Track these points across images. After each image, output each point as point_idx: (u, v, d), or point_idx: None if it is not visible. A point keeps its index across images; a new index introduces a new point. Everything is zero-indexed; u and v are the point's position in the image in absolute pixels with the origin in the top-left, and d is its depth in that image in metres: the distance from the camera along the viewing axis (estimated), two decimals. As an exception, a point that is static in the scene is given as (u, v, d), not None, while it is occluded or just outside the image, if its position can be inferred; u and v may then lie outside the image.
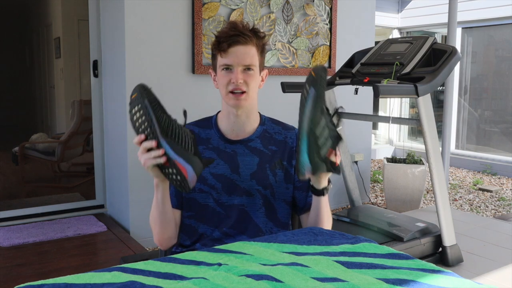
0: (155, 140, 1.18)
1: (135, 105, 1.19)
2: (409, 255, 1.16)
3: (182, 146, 1.20)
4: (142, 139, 1.20)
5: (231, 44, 1.37)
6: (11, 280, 2.53)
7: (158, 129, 1.18)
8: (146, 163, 1.21)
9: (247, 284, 0.99)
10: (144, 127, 1.19)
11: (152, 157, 1.19)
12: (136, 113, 1.19)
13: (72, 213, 3.64)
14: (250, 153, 1.46)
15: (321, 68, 1.23)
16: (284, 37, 3.82)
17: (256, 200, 1.43)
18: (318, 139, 1.21)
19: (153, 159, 1.19)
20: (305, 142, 1.20)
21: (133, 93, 1.20)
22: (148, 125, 1.18)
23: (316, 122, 1.20)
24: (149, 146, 1.19)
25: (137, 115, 1.19)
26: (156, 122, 1.18)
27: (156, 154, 1.19)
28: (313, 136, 1.20)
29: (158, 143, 1.19)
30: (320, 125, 1.20)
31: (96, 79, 3.66)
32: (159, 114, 1.19)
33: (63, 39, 6.13)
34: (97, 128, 3.72)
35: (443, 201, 2.82)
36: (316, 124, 1.20)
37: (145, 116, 1.18)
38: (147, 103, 1.18)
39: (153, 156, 1.19)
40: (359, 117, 3.38)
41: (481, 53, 6.34)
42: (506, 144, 5.99)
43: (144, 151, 1.20)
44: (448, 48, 2.70)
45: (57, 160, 4.70)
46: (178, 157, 1.19)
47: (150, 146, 1.19)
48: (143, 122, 1.18)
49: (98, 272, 1.04)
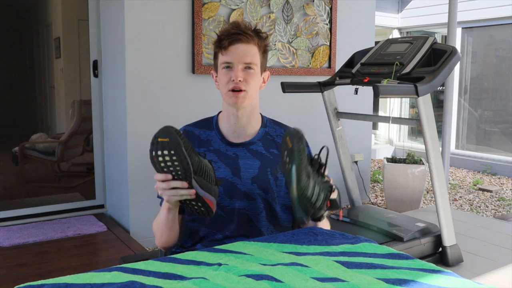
0: (187, 182, 1.19)
1: (166, 149, 1.16)
2: (409, 255, 1.16)
3: (208, 181, 1.24)
4: (169, 178, 1.19)
5: (232, 42, 1.37)
6: (11, 280, 2.53)
7: (192, 172, 1.19)
8: (171, 199, 1.23)
9: (247, 284, 0.99)
10: (175, 170, 1.18)
11: (179, 194, 1.20)
12: (165, 156, 1.17)
13: (72, 213, 3.64)
14: (252, 156, 1.45)
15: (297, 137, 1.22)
16: (284, 37, 3.82)
17: (257, 204, 1.42)
18: (311, 198, 1.23)
19: (179, 196, 1.21)
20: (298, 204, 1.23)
21: (161, 135, 1.17)
22: (183, 171, 1.18)
23: (305, 187, 1.21)
24: (178, 186, 1.19)
25: (167, 158, 1.17)
26: (192, 166, 1.19)
27: (185, 193, 1.20)
28: (305, 198, 1.22)
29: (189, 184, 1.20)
30: (310, 187, 1.22)
31: (96, 79, 3.66)
32: (193, 158, 1.20)
33: (63, 39, 6.13)
34: (97, 128, 3.72)
35: (443, 201, 2.82)
36: (306, 189, 1.22)
37: (179, 162, 1.17)
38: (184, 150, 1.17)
39: (181, 194, 1.20)
40: (359, 117, 3.38)
41: (481, 53, 6.33)
42: (506, 144, 5.99)
43: (170, 188, 1.20)
44: (448, 48, 2.69)
45: (57, 160, 4.70)
46: (206, 192, 1.23)
47: (180, 186, 1.19)
48: (175, 166, 1.18)
49: (98, 272, 1.04)
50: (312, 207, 1.24)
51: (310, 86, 3.18)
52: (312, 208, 1.24)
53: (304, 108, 3.98)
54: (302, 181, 1.20)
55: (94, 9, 3.61)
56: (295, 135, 1.22)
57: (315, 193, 1.23)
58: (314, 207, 1.24)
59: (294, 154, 1.19)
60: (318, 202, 1.24)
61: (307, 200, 1.22)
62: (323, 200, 1.25)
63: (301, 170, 1.19)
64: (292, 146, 1.20)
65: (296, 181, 1.19)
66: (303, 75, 3.92)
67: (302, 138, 1.22)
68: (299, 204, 1.22)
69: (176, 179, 1.19)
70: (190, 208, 1.25)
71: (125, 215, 3.39)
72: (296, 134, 1.22)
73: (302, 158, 1.20)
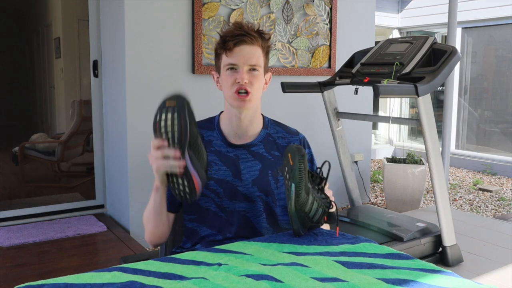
0: (180, 151, 1.17)
1: (170, 112, 1.16)
2: (409, 255, 1.16)
3: (199, 162, 1.22)
4: (165, 145, 1.18)
5: (237, 44, 1.36)
6: (11, 280, 2.53)
7: (187, 142, 1.18)
8: (160, 168, 1.20)
9: (247, 284, 0.99)
10: (172, 135, 1.17)
11: (169, 166, 1.18)
12: (168, 120, 1.16)
13: (72, 213, 3.64)
14: (253, 158, 1.44)
15: (298, 156, 1.22)
16: (284, 37, 3.82)
17: (257, 206, 1.42)
18: (308, 213, 1.26)
19: (168, 168, 1.19)
20: (296, 218, 1.25)
21: (169, 99, 1.17)
22: (179, 135, 1.17)
23: (303, 203, 1.24)
24: (171, 154, 1.17)
25: (169, 122, 1.16)
26: (189, 136, 1.18)
27: (175, 164, 1.17)
28: (303, 212, 1.25)
29: (182, 154, 1.18)
30: (308, 203, 1.25)
31: (96, 79, 3.66)
32: (193, 128, 1.19)
33: (63, 39, 6.13)
34: (97, 128, 3.72)
35: (443, 201, 2.82)
36: (304, 205, 1.24)
37: (178, 126, 1.16)
38: (187, 116, 1.17)
39: (171, 165, 1.18)
40: (359, 117, 3.38)
41: (481, 53, 6.33)
42: (506, 144, 5.99)
43: (162, 157, 1.18)
44: (448, 48, 2.69)
45: (57, 160, 4.70)
46: (195, 170, 1.19)
47: (172, 155, 1.17)
48: (174, 131, 1.16)
49: (98, 272, 1.04)
50: (309, 220, 1.27)
51: (310, 86, 3.18)
52: (310, 222, 1.28)
53: (304, 108, 3.98)
54: (301, 198, 1.22)
55: (94, 9, 3.61)
56: (296, 153, 1.22)
57: (313, 209, 1.26)
58: (311, 221, 1.27)
59: (294, 172, 1.21)
60: (315, 217, 1.27)
61: (305, 214, 1.25)
62: (321, 215, 1.28)
63: (300, 188, 1.22)
64: (293, 164, 1.21)
65: (295, 198, 1.22)
66: (303, 75, 3.92)
67: (304, 157, 1.23)
68: (297, 218, 1.25)
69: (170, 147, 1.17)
70: (175, 186, 1.21)
71: (125, 215, 3.39)
72: (297, 152, 1.22)
73: (302, 176, 1.22)
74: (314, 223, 1.28)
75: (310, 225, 1.28)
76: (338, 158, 3.39)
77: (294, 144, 1.30)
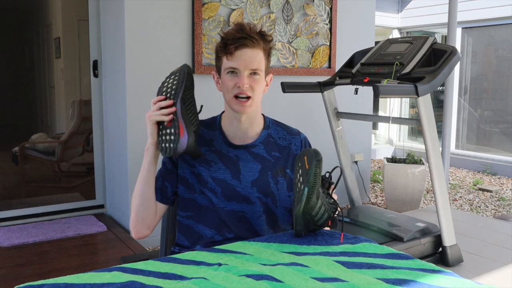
0: (172, 100, 1.31)
1: (174, 74, 1.36)
2: (409, 255, 1.16)
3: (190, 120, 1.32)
4: (161, 99, 1.32)
5: (239, 47, 1.34)
6: (11, 280, 2.53)
7: (180, 94, 1.32)
8: (152, 116, 1.32)
9: (247, 284, 0.99)
10: (169, 90, 1.33)
11: (160, 113, 1.31)
12: (169, 79, 1.35)
13: (72, 213, 3.64)
14: (253, 159, 1.44)
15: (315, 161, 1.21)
16: (284, 37, 3.82)
17: (256, 207, 1.41)
18: (314, 217, 1.26)
19: (159, 115, 1.31)
20: (301, 221, 1.26)
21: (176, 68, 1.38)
22: (174, 89, 1.32)
23: (312, 207, 1.24)
24: (164, 104, 1.31)
25: (170, 81, 1.35)
26: (183, 89, 1.32)
27: (166, 111, 1.30)
28: (309, 215, 1.26)
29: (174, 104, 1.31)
30: (316, 207, 1.25)
31: (96, 79, 3.66)
32: (188, 87, 1.34)
33: (63, 39, 6.13)
34: (97, 128, 3.72)
35: (443, 201, 2.82)
36: (312, 208, 1.25)
37: (176, 82, 1.33)
38: (185, 74, 1.34)
39: (161, 113, 1.30)
40: (359, 117, 3.38)
41: (481, 53, 6.33)
42: (506, 144, 5.99)
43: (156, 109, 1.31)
44: (448, 48, 2.69)
45: (57, 160, 4.70)
46: (183, 122, 1.30)
47: (165, 104, 1.31)
48: (171, 86, 1.33)
49: (98, 272, 1.04)
50: (314, 223, 1.27)
51: (310, 86, 3.18)
52: (313, 225, 1.28)
53: (304, 108, 3.98)
54: (311, 202, 1.22)
55: (94, 9, 3.61)
56: (314, 157, 1.22)
57: (320, 213, 1.26)
58: (315, 224, 1.28)
59: (310, 177, 1.21)
60: (320, 220, 1.28)
61: (311, 217, 1.26)
62: (326, 219, 1.28)
63: (313, 192, 1.22)
64: (309, 168, 1.21)
65: (305, 202, 1.22)
66: (303, 75, 3.92)
67: (321, 162, 1.22)
68: (302, 220, 1.25)
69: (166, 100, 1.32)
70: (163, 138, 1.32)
71: (125, 215, 3.39)
72: (315, 157, 1.22)
73: (317, 181, 1.22)
74: (318, 226, 1.28)
75: (313, 227, 1.28)
76: (338, 158, 3.39)
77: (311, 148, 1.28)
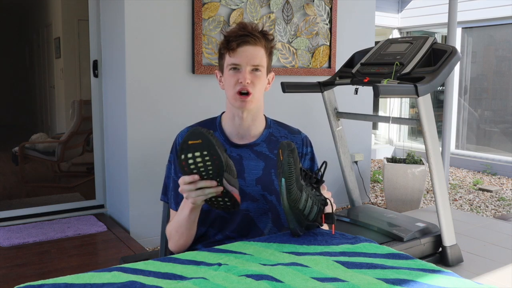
0: (216, 180, 1.18)
1: (199, 151, 1.15)
2: (409, 255, 1.16)
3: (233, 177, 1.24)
4: (197, 179, 1.17)
5: (240, 44, 1.37)
6: (11, 280, 2.53)
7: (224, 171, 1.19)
8: (198, 200, 1.21)
9: (247, 284, 0.99)
10: (206, 169, 1.17)
11: (206, 194, 1.19)
12: (197, 157, 1.16)
13: (72, 213, 3.64)
14: (256, 157, 1.45)
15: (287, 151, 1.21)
16: (284, 37, 3.82)
17: (260, 205, 1.42)
18: (303, 211, 1.25)
19: (207, 195, 1.19)
20: (292, 217, 1.25)
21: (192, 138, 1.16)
22: (216, 169, 1.17)
23: (296, 200, 1.23)
24: (207, 185, 1.17)
25: (199, 159, 1.16)
26: (225, 165, 1.18)
27: (213, 191, 1.18)
28: (297, 210, 1.24)
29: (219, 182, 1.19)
30: (302, 200, 1.24)
31: (96, 79, 3.66)
32: (224, 156, 1.19)
33: (63, 39, 6.13)
34: (97, 128, 3.72)
35: (443, 201, 2.82)
36: (298, 201, 1.23)
37: (211, 161, 1.16)
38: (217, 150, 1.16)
39: (208, 193, 1.19)
40: (359, 117, 3.38)
41: (481, 53, 6.33)
42: (506, 144, 5.99)
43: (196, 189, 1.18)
44: (448, 48, 2.69)
45: (57, 160, 4.70)
46: (233, 188, 1.23)
47: (209, 185, 1.17)
48: (206, 165, 1.16)
49: (98, 272, 1.04)
50: (305, 219, 1.27)
51: (310, 86, 3.18)
52: (306, 220, 1.27)
53: (304, 108, 3.98)
54: (293, 193, 1.21)
55: (94, 9, 3.60)
56: (285, 148, 1.22)
57: (308, 206, 1.25)
58: (307, 219, 1.27)
59: (284, 167, 1.21)
60: (311, 214, 1.27)
61: (300, 212, 1.24)
62: (316, 213, 1.28)
63: (291, 182, 1.21)
64: (283, 159, 1.21)
65: (287, 193, 1.21)
66: (303, 75, 3.92)
67: (293, 151, 1.22)
68: (292, 216, 1.24)
69: (204, 179, 1.18)
70: (215, 205, 1.25)
71: (125, 215, 3.39)
72: (287, 147, 1.22)
73: (292, 171, 1.21)
74: (311, 221, 1.28)
75: (306, 224, 1.28)
76: (338, 158, 3.39)
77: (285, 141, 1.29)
